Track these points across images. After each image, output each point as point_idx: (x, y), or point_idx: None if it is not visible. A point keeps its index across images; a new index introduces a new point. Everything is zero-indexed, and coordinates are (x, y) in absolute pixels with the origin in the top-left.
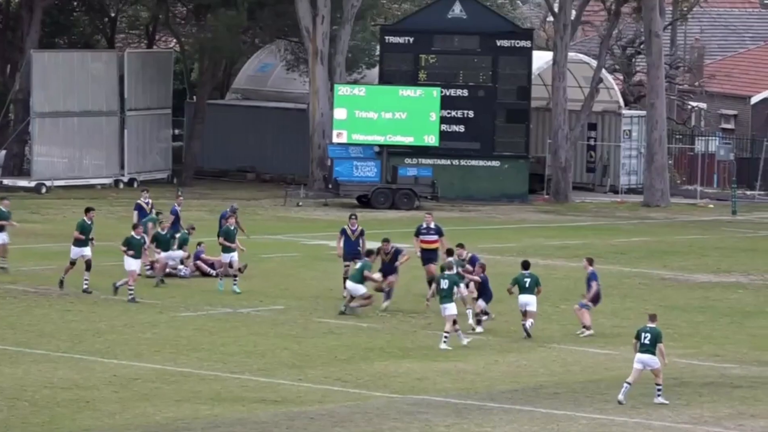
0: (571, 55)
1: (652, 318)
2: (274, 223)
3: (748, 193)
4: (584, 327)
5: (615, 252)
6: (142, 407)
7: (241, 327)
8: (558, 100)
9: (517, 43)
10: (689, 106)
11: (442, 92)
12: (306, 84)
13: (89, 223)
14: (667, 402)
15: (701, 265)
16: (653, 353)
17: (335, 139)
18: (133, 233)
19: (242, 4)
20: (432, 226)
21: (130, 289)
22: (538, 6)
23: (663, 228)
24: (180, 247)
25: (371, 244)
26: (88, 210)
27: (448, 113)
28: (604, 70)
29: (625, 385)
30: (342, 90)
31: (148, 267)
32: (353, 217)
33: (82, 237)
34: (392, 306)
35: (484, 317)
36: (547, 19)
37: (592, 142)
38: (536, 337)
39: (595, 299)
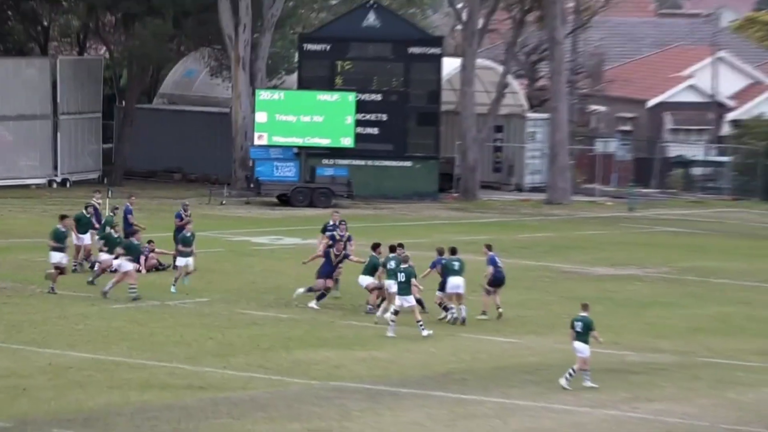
0: (479, 61)
1: (584, 307)
2: (199, 220)
3: (645, 190)
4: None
5: (520, 247)
6: (75, 394)
7: (169, 318)
8: (466, 104)
9: (428, 50)
10: (590, 110)
11: (357, 97)
12: (229, 89)
13: (63, 230)
14: (596, 386)
15: (600, 258)
16: (586, 341)
17: (256, 141)
18: (111, 231)
19: (168, 14)
20: (338, 224)
21: (132, 289)
22: (447, 15)
23: (565, 224)
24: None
25: (290, 239)
26: (62, 217)
27: (363, 116)
28: (509, 76)
29: (570, 370)
30: (263, 95)
31: (79, 263)
32: (342, 222)
33: (59, 245)
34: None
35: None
36: (456, 27)
37: (498, 144)
38: (446, 326)
39: (494, 283)
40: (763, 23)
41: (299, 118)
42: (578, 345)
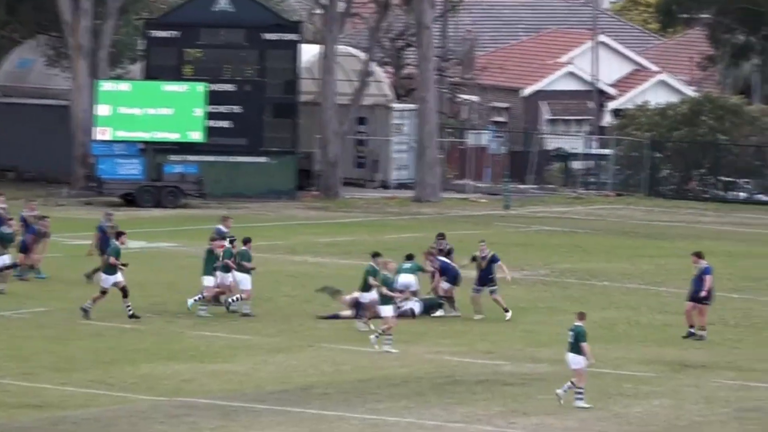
0: (340, 47)
1: (580, 316)
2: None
3: (521, 186)
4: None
5: (386, 248)
6: None
7: (2, 330)
8: (327, 94)
9: (285, 37)
10: (460, 99)
11: (208, 87)
12: (68, 80)
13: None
14: (588, 406)
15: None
16: (578, 352)
17: (98, 137)
18: None
19: None
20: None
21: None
22: None
23: (434, 224)
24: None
25: (134, 243)
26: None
27: (215, 109)
28: (373, 63)
29: (569, 382)
30: (105, 86)
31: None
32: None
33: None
34: (157, 307)
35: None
36: (315, 12)
37: (361, 137)
38: (307, 336)
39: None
40: (646, 5)
41: (145, 111)
42: (570, 357)
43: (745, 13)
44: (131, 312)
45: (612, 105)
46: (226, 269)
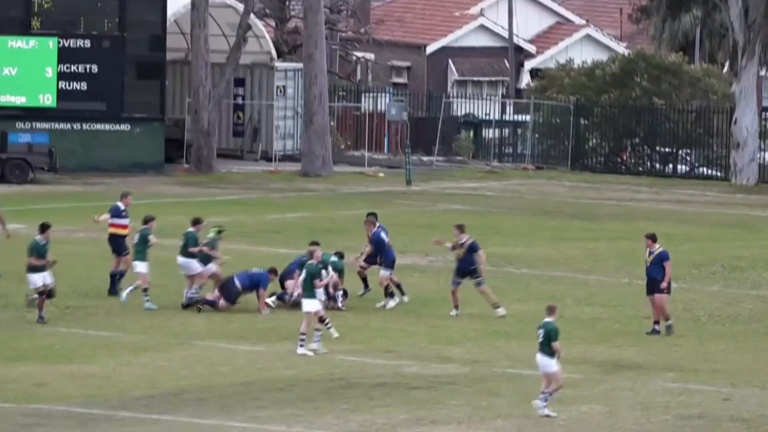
0: None
1: (549, 311)
2: None
3: (425, 159)
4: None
5: (269, 231)
6: None
7: None
8: (199, 51)
9: None
10: (354, 58)
11: (59, 43)
12: None
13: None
14: (554, 414)
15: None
16: (549, 354)
17: None
18: None
19: None
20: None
21: None
22: None
23: (325, 202)
24: None
25: None
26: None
27: (68, 68)
28: (253, 16)
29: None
30: None
31: None
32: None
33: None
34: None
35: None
36: None
37: (239, 101)
38: (177, 332)
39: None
40: None
41: None
42: (539, 358)
43: None
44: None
45: (530, 64)
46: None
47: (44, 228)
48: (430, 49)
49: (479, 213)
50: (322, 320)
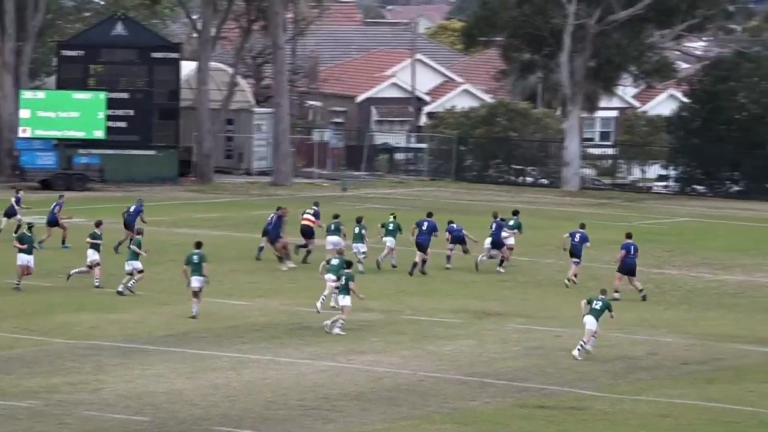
0: (212, 64)
1: (603, 292)
2: None
3: (355, 173)
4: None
5: (248, 222)
6: None
7: None
8: (202, 100)
9: (168, 55)
10: (307, 104)
11: (107, 95)
12: None
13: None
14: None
15: (320, 231)
16: (598, 318)
17: (21, 135)
18: None
19: None
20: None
21: None
22: (185, 24)
23: (288, 202)
24: None
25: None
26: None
27: (113, 112)
28: (238, 76)
29: (581, 343)
30: (26, 94)
31: None
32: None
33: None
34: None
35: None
36: (192, 35)
37: (230, 134)
38: (186, 291)
39: (623, 269)
40: (453, 30)
41: (58, 114)
42: (588, 319)
43: (530, 36)
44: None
45: (427, 109)
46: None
47: (99, 223)
48: (359, 99)
49: (392, 210)
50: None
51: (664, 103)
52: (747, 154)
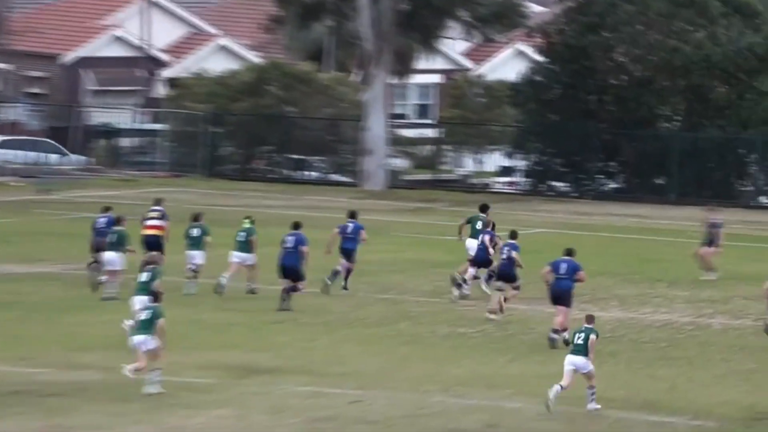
0: None
1: (589, 320)
2: None
3: (63, 167)
4: None
5: None
6: None
7: None
8: None
9: None
10: None
11: None
12: None
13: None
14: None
15: (10, 254)
16: (584, 354)
17: None
18: None
19: None
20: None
21: None
22: None
23: None
24: None
25: None
26: None
27: None
28: None
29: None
30: None
31: None
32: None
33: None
34: None
35: None
36: None
37: None
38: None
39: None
40: None
41: None
42: (570, 358)
43: None
44: None
45: (165, 73)
46: None
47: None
48: (65, 59)
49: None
50: None
51: (508, 64)
52: (628, 137)
